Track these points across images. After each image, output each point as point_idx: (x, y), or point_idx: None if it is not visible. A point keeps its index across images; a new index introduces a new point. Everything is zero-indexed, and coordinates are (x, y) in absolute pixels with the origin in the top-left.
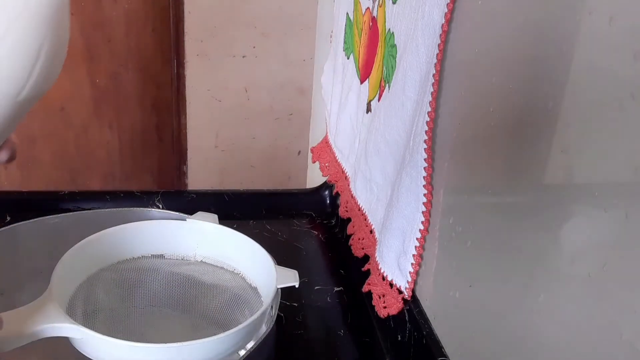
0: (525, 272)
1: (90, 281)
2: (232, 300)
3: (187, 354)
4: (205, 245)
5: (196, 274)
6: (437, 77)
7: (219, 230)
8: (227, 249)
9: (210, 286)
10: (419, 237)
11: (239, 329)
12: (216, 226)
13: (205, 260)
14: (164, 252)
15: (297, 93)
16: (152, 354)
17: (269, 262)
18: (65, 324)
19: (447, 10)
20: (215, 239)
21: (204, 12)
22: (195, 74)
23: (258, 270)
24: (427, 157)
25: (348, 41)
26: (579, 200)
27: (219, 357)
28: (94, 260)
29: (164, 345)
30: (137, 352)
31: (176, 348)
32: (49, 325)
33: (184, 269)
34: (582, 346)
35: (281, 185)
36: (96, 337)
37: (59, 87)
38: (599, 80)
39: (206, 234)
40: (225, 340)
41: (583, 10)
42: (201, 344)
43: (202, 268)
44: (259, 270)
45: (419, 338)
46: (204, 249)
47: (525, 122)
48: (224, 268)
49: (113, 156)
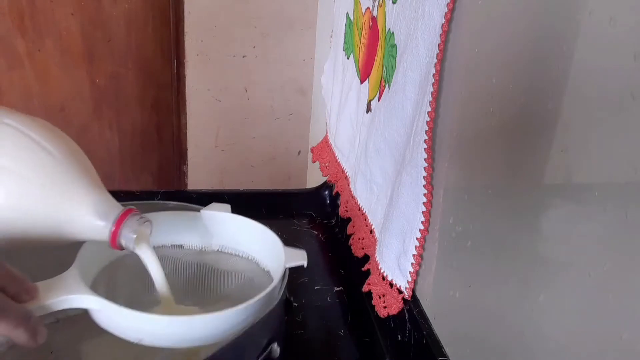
0: (525, 272)
1: (113, 266)
2: (246, 284)
3: (204, 326)
4: (220, 234)
5: (213, 262)
6: (437, 77)
7: (233, 219)
8: (241, 236)
9: (226, 273)
10: (419, 237)
11: (248, 304)
12: (230, 215)
13: (221, 250)
14: (183, 243)
15: (297, 93)
16: (167, 325)
17: (278, 245)
18: (87, 295)
19: (447, 10)
20: (229, 227)
21: (204, 12)
22: (195, 74)
23: (269, 254)
24: (427, 157)
25: (348, 41)
26: (579, 200)
27: (232, 330)
28: None
29: (180, 318)
30: (150, 322)
31: (197, 320)
32: (72, 295)
33: (202, 258)
34: (582, 346)
35: (281, 185)
36: (115, 309)
37: (59, 87)
38: (599, 80)
39: (221, 224)
40: (235, 315)
41: (583, 10)
42: (215, 317)
43: (219, 257)
44: (270, 253)
45: (419, 338)
46: (220, 238)
47: (525, 122)
48: (239, 255)
49: (113, 156)
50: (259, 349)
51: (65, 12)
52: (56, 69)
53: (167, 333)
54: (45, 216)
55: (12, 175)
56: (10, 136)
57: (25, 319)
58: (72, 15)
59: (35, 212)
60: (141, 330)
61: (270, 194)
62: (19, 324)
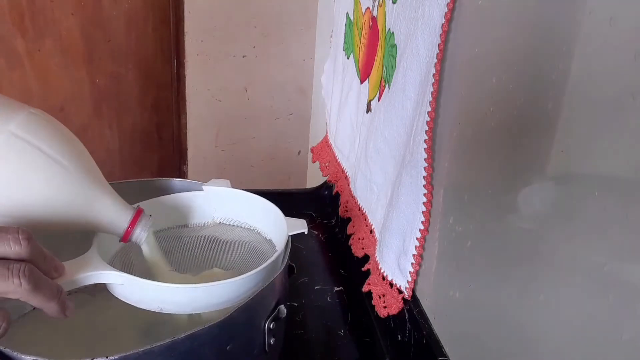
0: (525, 272)
1: (128, 247)
2: (251, 252)
3: (220, 292)
4: (222, 208)
5: (217, 234)
6: (437, 77)
7: (233, 193)
8: (241, 209)
9: (230, 243)
10: (419, 237)
11: (259, 270)
12: (230, 189)
13: (223, 222)
14: (187, 222)
15: (297, 93)
16: (184, 293)
17: (279, 215)
18: (111, 271)
19: (447, 10)
20: (230, 201)
21: (204, 12)
22: (195, 74)
23: (270, 224)
24: (427, 157)
25: (348, 41)
26: (578, 199)
27: (244, 295)
28: None
29: (192, 286)
30: (172, 292)
31: (215, 287)
32: (97, 272)
33: (207, 232)
34: (582, 346)
35: (281, 185)
36: (139, 282)
37: (59, 87)
38: (599, 80)
39: (222, 198)
40: (248, 280)
41: (583, 10)
42: (230, 283)
43: (221, 228)
44: (271, 223)
45: (419, 338)
46: (221, 212)
47: (525, 122)
48: (240, 226)
49: (113, 156)
50: (268, 310)
51: (65, 12)
52: (56, 69)
53: (186, 301)
54: (70, 211)
55: (57, 166)
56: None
57: (57, 293)
58: (72, 15)
59: (64, 207)
60: (163, 299)
61: (270, 193)
62: (52, 298)
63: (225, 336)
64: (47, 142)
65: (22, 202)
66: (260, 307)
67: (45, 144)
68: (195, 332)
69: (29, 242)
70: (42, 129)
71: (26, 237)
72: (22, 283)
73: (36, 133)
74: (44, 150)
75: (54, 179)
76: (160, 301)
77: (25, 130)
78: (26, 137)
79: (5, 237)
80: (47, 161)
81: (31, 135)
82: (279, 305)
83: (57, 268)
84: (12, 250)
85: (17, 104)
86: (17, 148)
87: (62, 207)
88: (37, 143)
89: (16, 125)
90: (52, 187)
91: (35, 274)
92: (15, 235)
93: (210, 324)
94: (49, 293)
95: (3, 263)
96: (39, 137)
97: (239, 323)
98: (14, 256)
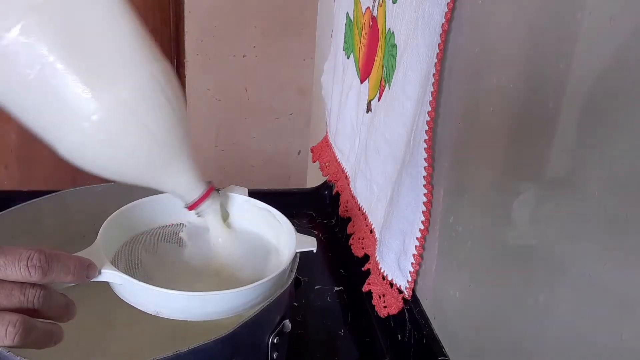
0: (525, 272)
1: (133, 242)
2: (260, 263)
3: (217, 303)
4: (236, 215)
5: (228, 242)
6: (437, 77)
7: (248, 201)
8: (256, 219)
9: (240, 253)
10: (419, 237)
11: (259, 284)
12: (246, 198)
13: (237, 230)
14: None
15: (297, 93)
16: (180, 300)
17: (290, 230)
18: (109, 270)
19: (447, 10)
20: (245, 210)
21: (204, 12)
22: (195, 73)
23: (281, 237)
24: (427, 157)
25: (348, 41)
26: (578, 200)
27: (243, 307)
28: (137, 223)
29: (193, 294)
30: (168, 298)
31: (211, 296)
32: None
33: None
34: (582, 346)
35: (281, 185)
36: (136, 284)
37: None
38: (599, 80)
39: (236, 205)
40: (246, 293)
41: (583, 10)
42: (227, 294)
43: (233, 236)
44: (282, 237)
45: (419, 338)
46: (235, 219)
47: (525, 122)
48: (251, 235)
49: None
50: (272, 325)
51: None
52: None
53: (181, 308)
54: (148, 170)
55: (140, 126)
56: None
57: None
58: None
59: (143, 164)
60: (158, 304)
61: (270, 193)
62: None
63: (228, 350)
64: (175, 94)
65: (128, 142)
66: (265, 322)
67: (174, 95)
68: (198, 346)
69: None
70: (175, 80)
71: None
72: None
73: (170, 81)
74: (171, 102)
75: (168, 133)
76: (156, 305)
77: (165, 76)
78: (162, 83)
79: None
80: (171, 112)
81: (168, 84)
82: (284, 320)
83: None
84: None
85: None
86: (151, 88)
87: (152, 163)
88: (169, 92)
89: (157, 70)
90: (161, 137)
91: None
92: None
93: (215, 338)
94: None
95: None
96: (172, 86)
97: (242, 337)
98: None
